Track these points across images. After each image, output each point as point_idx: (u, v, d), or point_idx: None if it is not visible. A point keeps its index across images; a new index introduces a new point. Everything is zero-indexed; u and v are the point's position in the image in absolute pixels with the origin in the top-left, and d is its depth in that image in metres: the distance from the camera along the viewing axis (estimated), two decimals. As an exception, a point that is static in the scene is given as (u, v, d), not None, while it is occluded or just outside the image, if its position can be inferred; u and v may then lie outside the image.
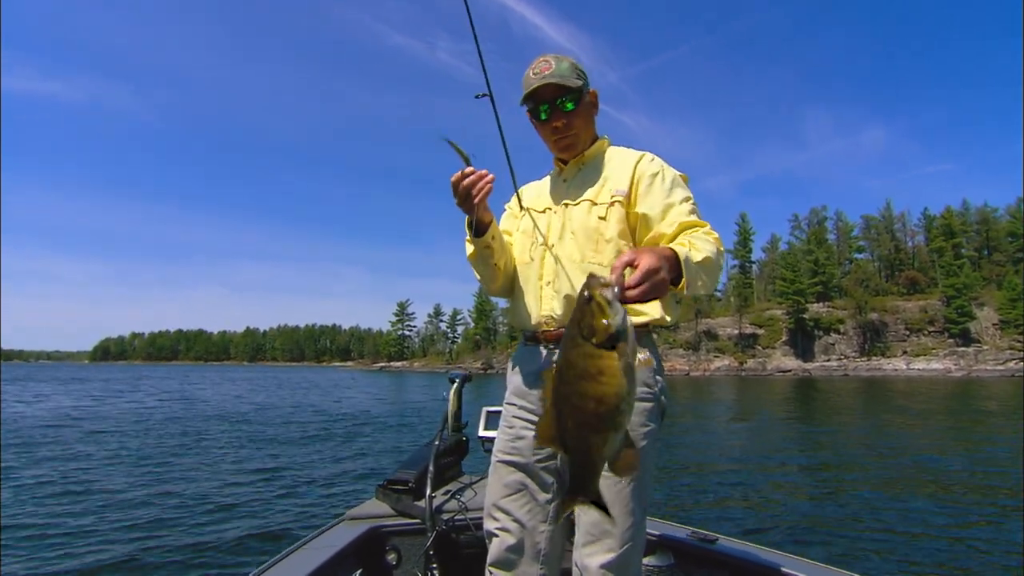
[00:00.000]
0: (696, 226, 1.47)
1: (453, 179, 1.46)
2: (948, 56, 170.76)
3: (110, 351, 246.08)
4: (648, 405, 1.52)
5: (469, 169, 1.46)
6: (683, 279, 1.25)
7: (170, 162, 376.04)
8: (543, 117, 1.66)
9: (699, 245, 1.34)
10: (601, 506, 1.12)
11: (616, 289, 1.02)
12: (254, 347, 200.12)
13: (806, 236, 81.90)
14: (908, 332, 66.93)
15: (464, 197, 1.47)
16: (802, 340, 69.69)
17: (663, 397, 1.58)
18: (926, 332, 66.02)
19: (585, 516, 1.48)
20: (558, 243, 1.64)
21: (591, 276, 1.03)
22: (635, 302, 1.11)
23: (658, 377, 1.57)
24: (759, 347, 71.60)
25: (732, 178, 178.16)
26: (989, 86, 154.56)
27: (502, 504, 1.60)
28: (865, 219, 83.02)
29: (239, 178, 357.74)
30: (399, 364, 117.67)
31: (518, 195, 1.83)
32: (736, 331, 73.82)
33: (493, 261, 1.67)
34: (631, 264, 1.12)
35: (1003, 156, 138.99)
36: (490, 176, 1.47)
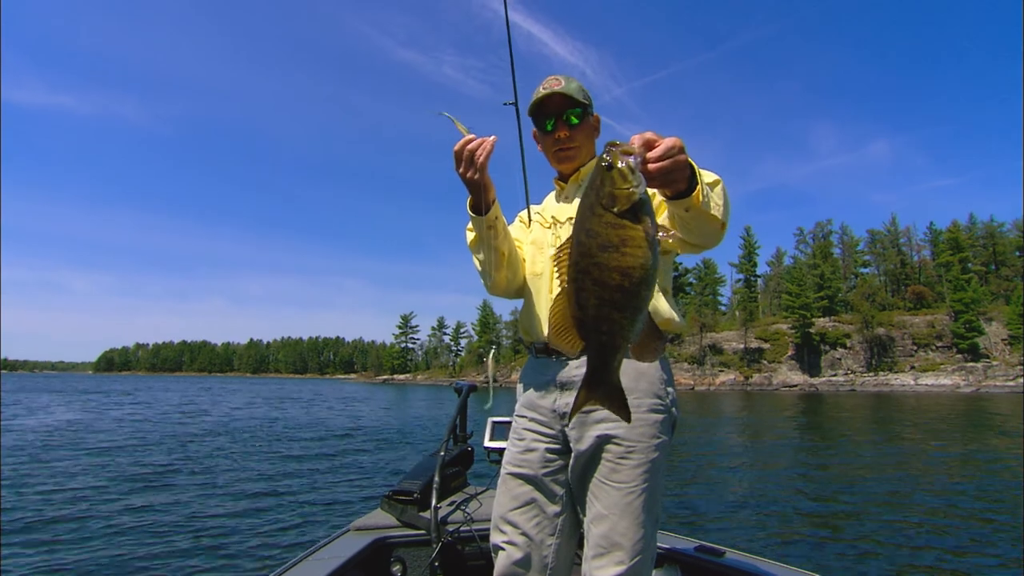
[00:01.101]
0: None
1: (456, 148, 1.45)
2: (953, 70, 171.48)
3: (114, 362, 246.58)
4: (660, 416, 1.51)
5: (471, 135, 1.45)
6: (697, 187, 1.21)
7: (175, 174, 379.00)
8: (548, 128, 1.70)
9: (707, 172, 1.31)
10: (621, 401, 1.04)
11: (638, 159, 0.96)
12: (257, 359, 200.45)
13: (811, 250, 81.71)
14: (916, 347, 66.38)
15: (468, 162, 1.45)
16: (808, 355, 69.20)
17: (674, 408, 1.57)
18: (934, 347, 65.47)
19: (595, 528, 1.46)
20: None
21: (610, 144, 0.97)
22: (655, 177, 1.04)
23: (669, 389, 1.57)
24: (765, 362, 71.14)
25: (736, 191, 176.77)
26: (994, 100, 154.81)
27: (510, 517, 1.59)
28: (871, 233, 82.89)
29: (243, 190, 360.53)
30: (403, 377, 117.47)
31: (527, 202, 1.86)
32: (741, 345, 73.41)
33: (496, 244, 1.64)
34: (650, 144, 1.05)
35: (1008, 170, 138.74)
36: (492, 138, 1.45)
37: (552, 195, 1.85)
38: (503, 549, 1.58)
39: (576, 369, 1.56)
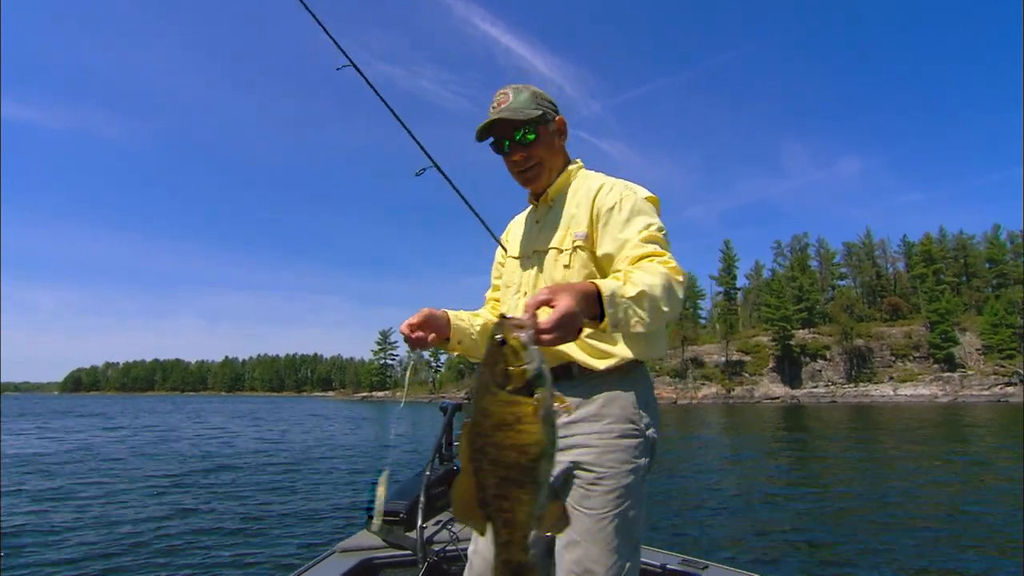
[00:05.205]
0: (651, 256, 1.39)
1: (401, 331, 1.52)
2: (920, 86, 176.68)
3: (82, 382, 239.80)
4: (632, 441, 1.49)
5: (407, 327, 1.50)
6: (604, 319, 1.17)
7: (147, 190, 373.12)
8: (506, 149, 1.63)
9: (636, 277, 1.26)
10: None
11: (531, 332, 0.96)
12: (232, 377, 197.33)
13: (789, 263, 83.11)
14: (894, 358, 67.62)
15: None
16: (789, 367, 70.08)
17: (650, 431, 1.53)
18: (911, 358, 66.76)
19: (567, 554, 1.44)
20: (533, 292, 1.55)
21: (502, 317, 0.98)
22: (549, 345, 1.04)
23: (642, 412, 1.53)
24: (746, 374, 71.84)
25: (715, 207, 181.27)
26: (961, 115, 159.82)
27: None
28: (847, 246, 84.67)
29: (217, 206, 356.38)
30: (381, 394, 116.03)
31: (504, 249, 1.83)
32: (723, 358, 74.10)
33: (474, 353, 1.68)
34: (548, 303, 1.06)
35: (975, 185, 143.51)
36: (419, 339, 1.49)
37: (528, 213, 1.79)
38: (472, 559, 1.58)
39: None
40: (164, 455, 14.87)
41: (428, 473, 2.62)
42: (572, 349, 1.52)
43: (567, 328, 1.06)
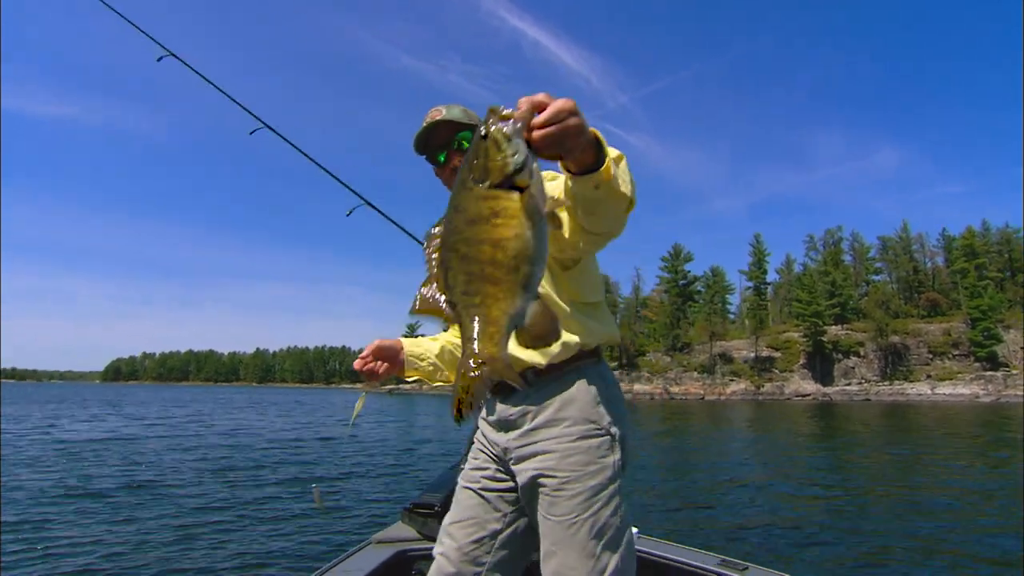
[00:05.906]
0: None
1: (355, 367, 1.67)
2: (958, 76, 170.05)
3: (121, 371, 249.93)
4: (596, 441, 1.44)
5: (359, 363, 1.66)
6: (606, 160, 1.06)
7: (182, 182, 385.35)
8: (442, 159, 1.64)
9: (610, 147, 1.19)
10: (511, 372, 0.90)
11: (519, 124, 0.86)
12: (264, 368, 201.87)
13: (822, 257, 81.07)
14: (931, 355, 65.56)
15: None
16: (821, 363, 68.54)
17: (615, 427, 1.47)
18: (950, 356, 64.63)
19: (546, 565, 1.41)
20: None
21: (491, 110, 0.88)
22: (542, 146, 0.90)
23: (602, 409, 1.47)
24: (776, 370, 70.56)
25: (745, 200, 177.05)
26: (999, 106, 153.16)
27: (451, 529, 1.59)
28: (882, 240, 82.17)
29: (250, 198, 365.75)
30: (409, 386, 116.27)
31: None
32: (752, 354, 72.89)
33: (433, 378, 1.78)
34: (538, 108, 0.91)
35: (1017, 176, 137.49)
36: (371, 371, 1.65)
37: None
38: (435, 559, 1.57)
39: (510, 408, 1.52)
40: (201, 446, 15.29)
41: (463, 466, 2.61)
42: (515, 349, 1.40)
43: (563, 125, 0.91)
